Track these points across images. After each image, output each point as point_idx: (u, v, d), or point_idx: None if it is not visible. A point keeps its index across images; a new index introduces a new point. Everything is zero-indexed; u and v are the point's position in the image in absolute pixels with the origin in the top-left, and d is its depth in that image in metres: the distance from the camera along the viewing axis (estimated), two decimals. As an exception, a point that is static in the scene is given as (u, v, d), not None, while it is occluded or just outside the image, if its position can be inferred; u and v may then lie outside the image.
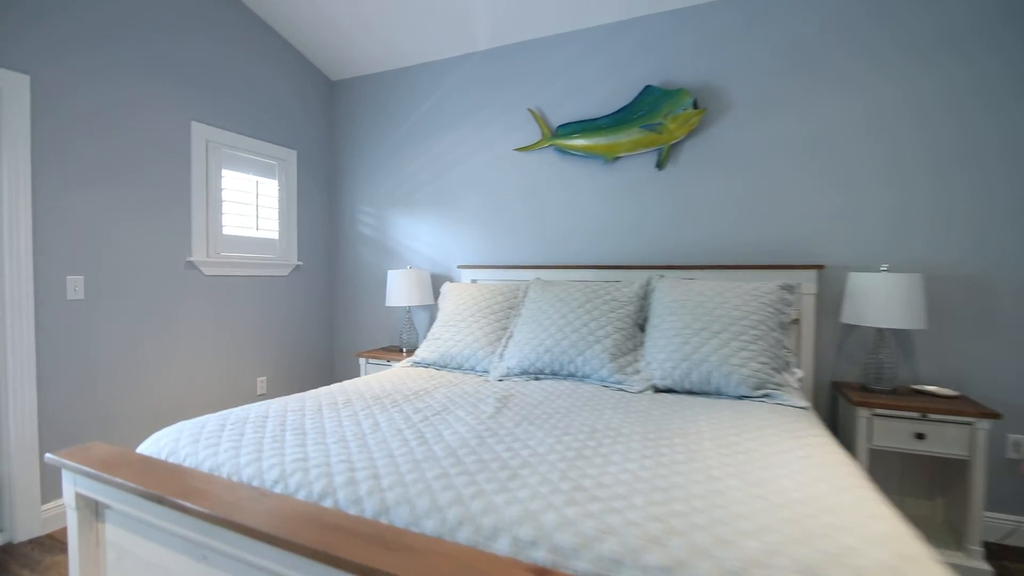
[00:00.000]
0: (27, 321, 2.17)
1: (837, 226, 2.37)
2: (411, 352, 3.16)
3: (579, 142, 2.84)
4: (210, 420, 1.49)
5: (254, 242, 3.16)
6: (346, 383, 2.08)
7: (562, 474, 1.10)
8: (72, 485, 1.28)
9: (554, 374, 2.15)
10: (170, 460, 1.30)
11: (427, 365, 2.45)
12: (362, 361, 3.15)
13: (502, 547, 0.89)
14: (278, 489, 1.11)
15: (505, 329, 2.43)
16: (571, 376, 2.12)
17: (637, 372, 2.05)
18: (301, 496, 1.08)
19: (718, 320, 2.00)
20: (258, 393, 3.22)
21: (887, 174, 2.29)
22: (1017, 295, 2.13)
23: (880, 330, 2.21)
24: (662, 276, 2.42)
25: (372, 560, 0.80)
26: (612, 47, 2.80)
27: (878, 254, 2.30)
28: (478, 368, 2.32)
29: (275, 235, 3.30)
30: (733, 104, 2.55)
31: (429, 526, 0.95)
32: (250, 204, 3.13)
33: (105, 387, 2.46)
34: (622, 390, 1.98)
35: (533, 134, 3.04)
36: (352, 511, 1.01)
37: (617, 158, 2.79)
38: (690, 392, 1.96)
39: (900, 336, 2.29)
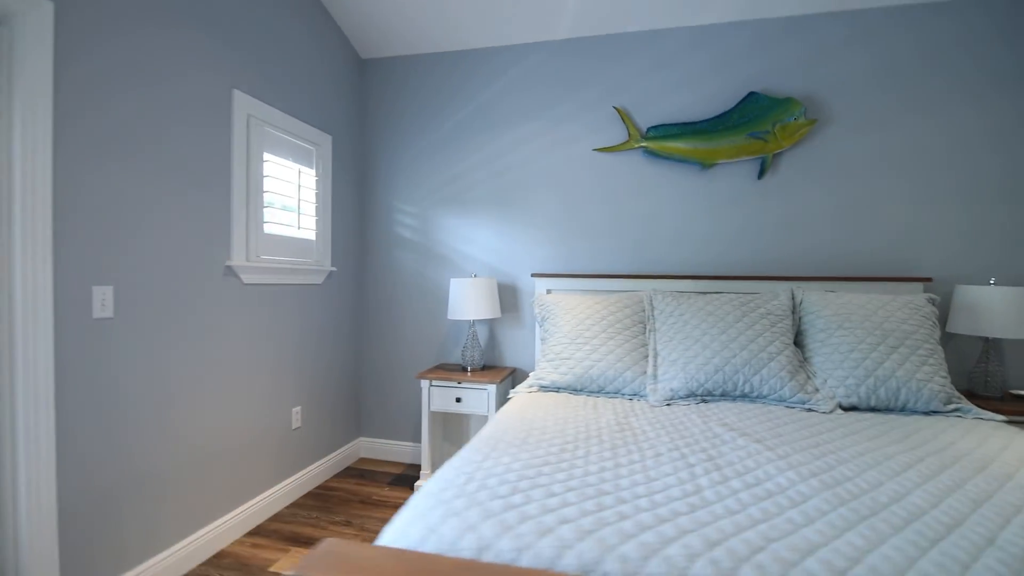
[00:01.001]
0: (45, 351, 1.51)
1: (940, 240, 2.48)
2: (476, 371, 2.79)
3: (675, 145, 2.70)
4: (473, 489, 1.10)
5: (293, 243, 2.58)
6: (511, 419, 1.72)
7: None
8: (345, 613, 0.84)
9: (724, 395, 1.97)
10: (485, 557, 0.91)
11: (557, 389, 2.14)
12: (424, 384, 2.72)
13: None
14: None
15: (644, 346, 2.20)
16: (744, 397, 1.96)
17: (816, 390, 1.94)
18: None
19: (891, 334, 1.97)
20: (293, 427, 2.63)
21: (992, 191, 2.44)
22: (1093, 306, 2.36)
23: (987, 340, 2.34)
24: (802, 289, 2.36)
25: None
26: (711, 49, 2.70)
27: (983, 268, 2.44)
28: (625, 391, 2.07)
29: (312, 235, 2.73)
30: (836, 116, 2.58)
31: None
32: (291, 197, 2.56)
33: (136, 433, 1.81)
34: (811, 410, 1.86)
35: (615, 135, 2.84)
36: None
37: (714, 164, 2.70)
38: (874, 409, 1.90)
39: (994, 345, 2.45)
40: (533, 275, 2.87)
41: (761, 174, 2.64)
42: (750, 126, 2.60)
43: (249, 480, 2.34)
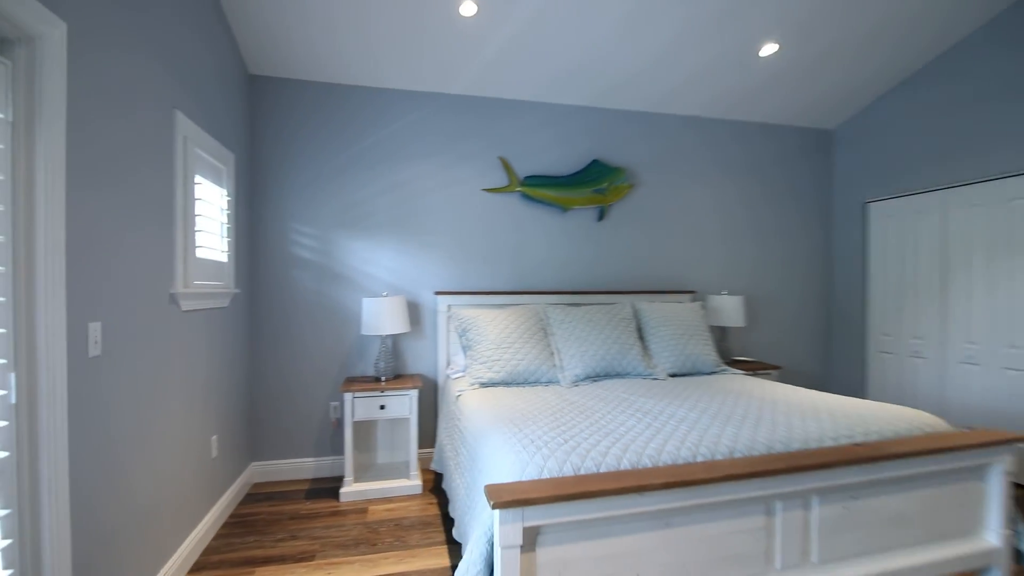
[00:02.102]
0: (60, 395, 1.42)
1: (700, 266, 3.92)
2: (390, 380, 3.13)
3: (544, 192, 3.56)
4: (542, 444, 1.66)
5: (213, 266, 2.51)
6: (489, 408, 2.25)
7: (745, 419, 2.00)
8: (520, 522, 1.35)
9: (607, 375, 2.87)
10: (582, 472, 1.51)
11: (494, 384, 2.72)
12: (348, 396, 2.92)
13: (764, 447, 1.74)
14: (681, 460, 1.61)
15: (548, 346, 2.95)
16: (618, 375, 2.89)
17: (656, 366, 3.00)
18: (696, 459, 1.62)
19: (689, 328, 3.17)
20: (212, 456, 2.53)
21: (725, 236, 3.97)
22: (775, 307, 4.10)
23: (723, 328, 3.85)
24: (636, 300, 3.44)
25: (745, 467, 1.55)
26: (569, 123, 3.65)
27: (718, 284, 3.96)
28: (543, 380, 2.78)
29: (226, 257, 2.66)
30: (644, 182, 3.82)
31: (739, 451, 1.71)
32: (213, 219, 2.48)
33: (123, 475, 1.71)
34: (655, 379, 2.89)
35: (500, 178, 3.55)
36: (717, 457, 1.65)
37: (570, 209, 3.65)
38: (685, 374, 3.05)
39: (724, 330, 3.99)
40: (437, 293, 3.36)
41: (600, 218, 3.70)
42: (594, 184, 3.63)
43: (185, 516, 2.24)
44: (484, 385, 2.72)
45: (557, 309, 3.13)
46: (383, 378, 3.12)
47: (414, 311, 3.42)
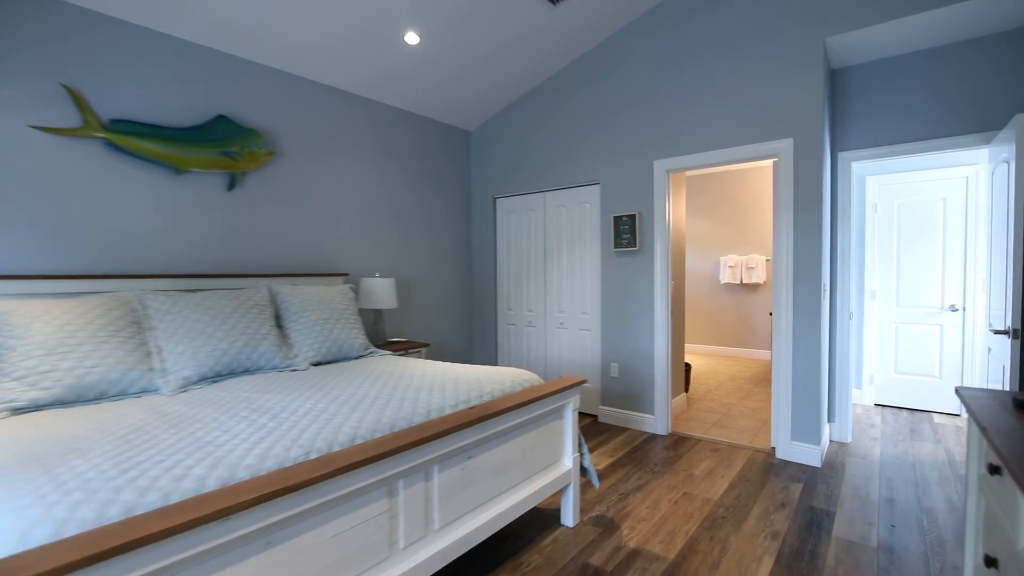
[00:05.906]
0: None
1: (352, 248, 3.77)
2: None
3: (145, 145, 2.72)
4: (89, 484, 1.12)
5: None
6: (25, 442, 1.49)
7: (371, 406, 2.03)
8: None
9: (231, 373, 2.37)
10: (118, 518, 1.08)
11: (43, 406, 1.84)
12: None
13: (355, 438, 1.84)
14: (290, 462, 1.41)
15: (145, 344, 2.22)
16: (247, 371, 2.43)
17: (296, 355, 2.68)
18: (311, 456, 1.46)
19: (335, 312, 2.97)
20: None
21: (379, 218, 3.92)
22: (426, 289, 4.31)
23: (376, 311, 3.83)
24: (275, 284, 2.99)
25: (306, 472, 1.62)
26: (184, 62, 2.88)
27: (373, 267, 3.90)
28: (132, 390, 2.06)
29: None
30: (288, 153, 3.39)
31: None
32: None
33: None
34: (294, 370, 2.58)
35: (69, 116, 2.51)
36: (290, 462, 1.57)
37: (187, 171, 2.91)
38: (330, 361, 2.84)
39: (379, 313, 3.99)
40: (-69, 278, 2.12)
41: (231, 187, 3.10)
42: (221, 144, 3.00)
43: None
44: (21, 411, 1.83)
45: (161, 297, 2.42)
46: None
47: None
